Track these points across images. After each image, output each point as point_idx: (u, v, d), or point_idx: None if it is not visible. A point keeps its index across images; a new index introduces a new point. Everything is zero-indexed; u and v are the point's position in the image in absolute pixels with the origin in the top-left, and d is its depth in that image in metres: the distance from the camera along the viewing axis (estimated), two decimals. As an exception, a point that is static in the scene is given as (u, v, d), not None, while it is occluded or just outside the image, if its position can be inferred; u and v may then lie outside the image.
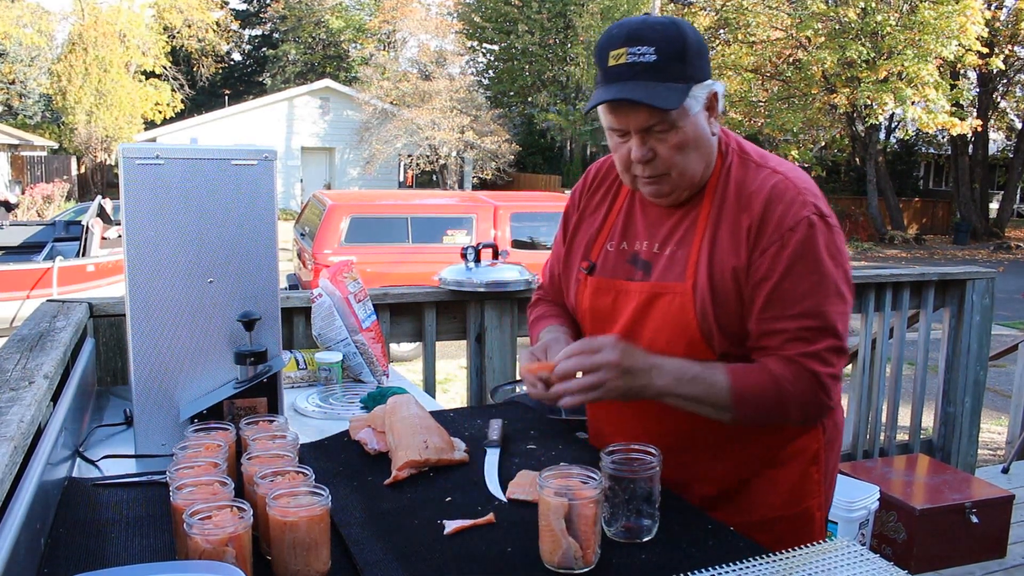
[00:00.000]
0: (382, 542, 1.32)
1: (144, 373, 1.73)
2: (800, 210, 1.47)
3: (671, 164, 1.49)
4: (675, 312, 1.53)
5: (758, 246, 1.48)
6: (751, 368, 1.48)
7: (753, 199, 1.50)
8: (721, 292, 1.50)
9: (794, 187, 1.50)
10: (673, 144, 1.48)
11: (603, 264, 1.66)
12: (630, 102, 1.43)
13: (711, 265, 1.51)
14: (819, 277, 1.46)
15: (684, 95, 1.44)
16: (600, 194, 1.74)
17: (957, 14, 18.31)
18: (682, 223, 1.58)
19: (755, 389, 1.46)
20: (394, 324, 3.05)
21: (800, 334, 1.45)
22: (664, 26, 1.45)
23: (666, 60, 1.42)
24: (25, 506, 1.20)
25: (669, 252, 1.57)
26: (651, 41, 1.43)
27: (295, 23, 36.43)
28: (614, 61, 1.45)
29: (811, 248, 1.46)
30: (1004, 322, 11.07)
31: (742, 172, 1.55)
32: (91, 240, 9.87)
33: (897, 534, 3.30)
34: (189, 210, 1.71)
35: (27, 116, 33.07)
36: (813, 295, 1.45)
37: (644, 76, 1.43)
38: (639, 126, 1.47)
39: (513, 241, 9.12)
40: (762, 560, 1.23)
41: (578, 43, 26.93)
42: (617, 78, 1.45)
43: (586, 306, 1.67)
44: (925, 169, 34.09)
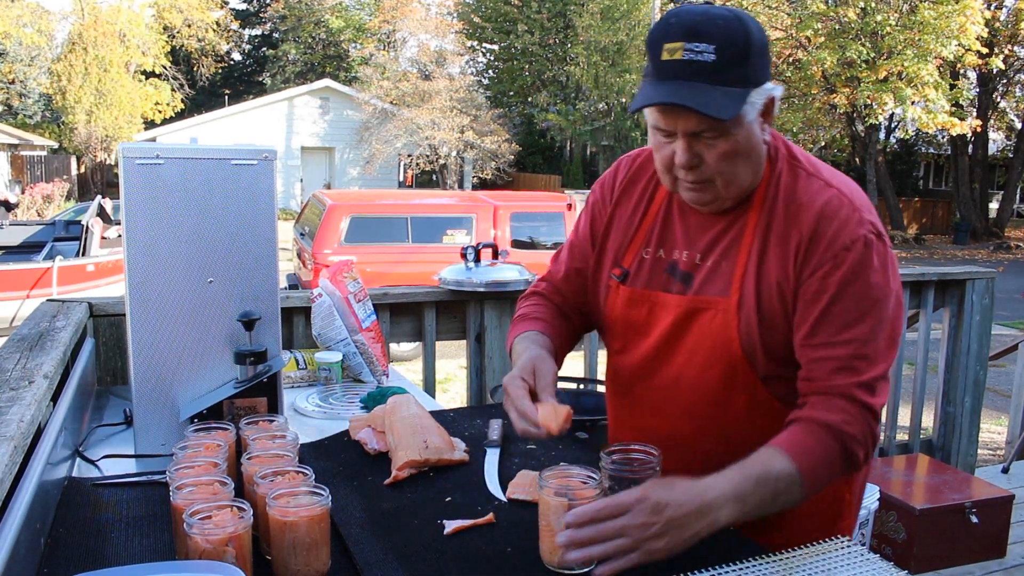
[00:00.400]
0: (382, 542, 1.32)
1: (144, 373, 1.73)
2: (856, 228, 1.37)
3: (718, 172, 1.38)
4: (716, 329, 1.43)
5: (808, 265, 1.38)
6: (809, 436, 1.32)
7: (803, 213, 1.40)
8: (767, 310, 1.40)
9: (849, 203, 1.39)
10: (722, 151, 1.36)
11: (637, 272, 1.54)
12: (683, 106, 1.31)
13: (758, 281, 1.41)
14: (872, 301, 1.36)
15: (742, 102, 1.32)
16: (636, 193, 1.60)
17: (957, 14, 18.31)
18: (727, 233, 1.46)
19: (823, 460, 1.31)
20: (394, 324, 3.05)
21: (850, 362, 1.34)
22: (727, 21, 1.31)
23: (726, 61, 1.30)
24: (25, 506, 1.20)
25: (711, 264, 1.46)
26: (712, 38, 1.30)
27: (295, 23, 36.42)
28: (668, 55, 1.31)
29: (865, 270, 1.36)
30: (1004, 322, 11.07)
31: (792, 181, 1.44)
32: (91, 240, 9.87)
33: (897, 534, 3.30)
34: (189, 210, 1.71)
35: (27, 116, 33.06)
36: (865, 320, 1.35)
37: (700, 77, 1.30)
38: (687, 130, 1.35)
39: (513, 241, 9.13)
40: (762, 560, 1.23)
41: (578, 43, 26.94)
42: (670, 76, 1.32)
43: (618, 316, 1.56)
44: (925, 169, 34.09)
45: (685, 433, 1.49)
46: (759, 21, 1.33)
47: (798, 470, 1.28)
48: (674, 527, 1.18)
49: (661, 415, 1.53)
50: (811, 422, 1.33)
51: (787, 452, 1.29)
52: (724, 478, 1.25)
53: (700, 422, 1.48)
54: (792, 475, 1.28)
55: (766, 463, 1.28)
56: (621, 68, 25.58)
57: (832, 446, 1.32)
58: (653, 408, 1.54)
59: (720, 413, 1.46)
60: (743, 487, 1.24)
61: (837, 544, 1.28)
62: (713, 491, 1.22)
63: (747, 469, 1.27)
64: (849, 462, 1.34)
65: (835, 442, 1.32)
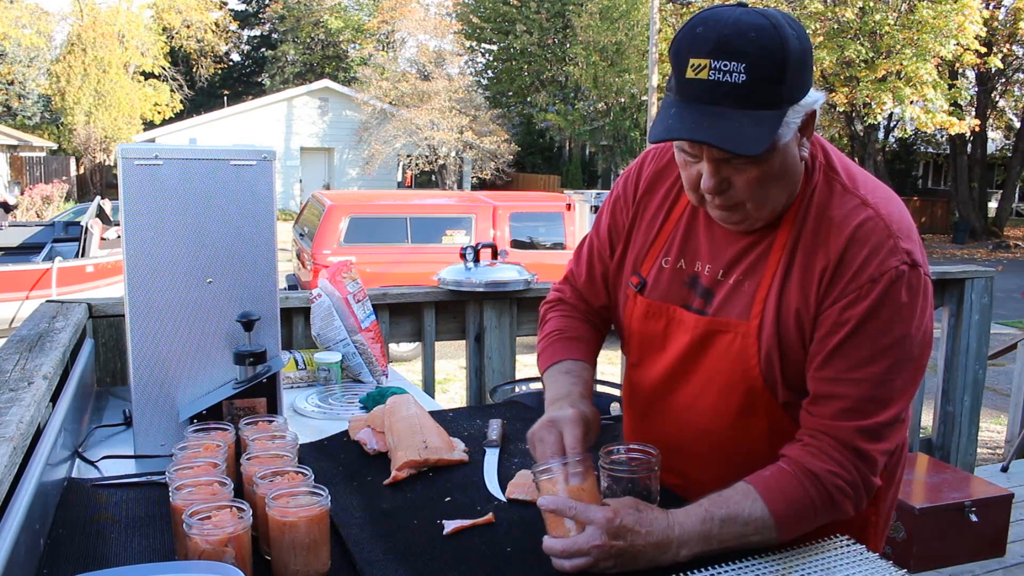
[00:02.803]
0: (382, 542, 1.32)
1: (143, 373, 1.73)
2: (888, 259, 1.24)
3: (747, 197, 1.27)
4: (735, 355, 1.34)
5: (830, 294, 1.27)
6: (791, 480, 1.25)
7: (833, 235, 1.27)
8: (785, 337, 1.30)
9: (884, 227, 1.26)
10: (753, 177, 1.25)
11: (655, 283, 1.45)
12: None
13: (779, 305, 1.31)
14: (893, 339, 1.24)
15: (775, 127, 1.19)
16: (659, 193, 1.48)
17: (955, 13, 18.31)
18: (753, 249, 1.35)
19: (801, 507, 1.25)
20: (393, 324, 3.05)
21: (857, 404, 1.24)
22: (762, 32, 1.16)
23: (759, 81, 1.16)
24: (24, 506, 1.20)
25: (733, 281, 1.36)
26: (743, 54, 1.15)
27: (294, 23, 36.42)
28: (693, 73, 1.18)
29: (892, 304, 1.23)
30: (1003, 321, 11.07)
31: (826, 195, 1.31)
32: (90, 241, 9.87)
33: (896, 533, 3.30)
34: (188, 210, 1.71)
35: (26, 117, 33.04)
36: (881, 359, 1.24)
37: (727, 101, 1.17)
38: (715, 157, 1.23)
39: (512, 241, 9.13)
40: (762, 559, 1.23)
41: (577, 43, 26.91)
42: (695, 98, 1.19)
43: (635, 328, 1.48)
44: (924, 168, 34.10)
45: (703, 453, 1.44)
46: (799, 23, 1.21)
47: (772, 516, 1.23)
48: (628, 555, 1.18)
49: (679, 434, 1.47)
50: (798, 465, 1.27)
51: (763, 495, 1.24)
52: (693, 516, 1.22)
53: (719, 444, 1.42)
54: (764, 520, 1.23)
55: (737, 505, 1.23)
56: (620, 68, 25.57)
57: (814, 495, 1.25)
58: (671, 426, 1.48)
59: (739, 438, 1.40)
60: (708, 528, 1.21)
61: (836, 543, 1.29)
62: (678, 528, 1.20)
63: (716, 509, 1.23)
64: (834, 510, 1.27)
65: (818, 491, 1.25)
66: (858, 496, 1.28)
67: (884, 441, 1.27)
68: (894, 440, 1.30)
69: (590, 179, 28.89)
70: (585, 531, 1.18)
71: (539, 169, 31.10)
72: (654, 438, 1.45)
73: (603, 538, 1.17)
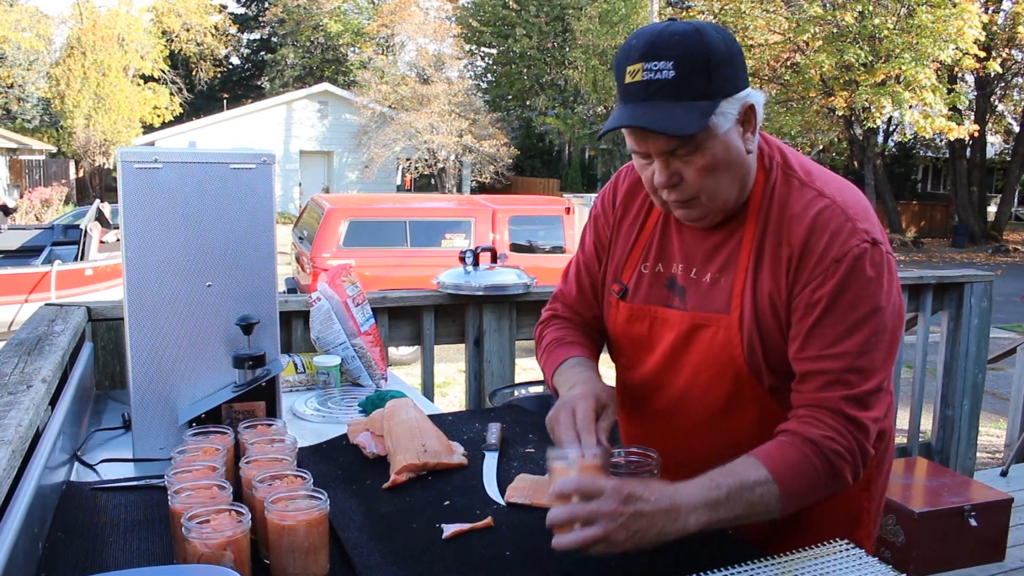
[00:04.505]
0: (381, 546, 1.32)
1: (142, 377, 1.73)
2: (848, 239, 1.33)
3: (699, 188, 1.36)
4: (719, 347, 1.41)
5: (799, 280, 1.35)
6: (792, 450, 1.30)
7: (794, 226, 1.37)
8: (764, 326, 1.39)
9: (842, 212, 1.35)
10: (700, 167, 1.34)
11: (636, 288, 1.53)
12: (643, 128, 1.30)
13: (754, 296, 1.39)
14: (864, 312, 1.32)
15: (708, 115, 1.29)
16: (635, 205, 1.58)
17: (954, 18, 18.34)
18: (724, 247, 1.44)
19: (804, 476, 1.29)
20: (393, 328, 3.05)
21: (841, 376, 1.32)
22: (684, 35, 1.29)
23: (686, 76, 1.28)
24: (23, 510, 1.20)
25: (709, 279, 1.45)
26: (669, 55, 1.28)
27: (293, 27, 36.44)
28: (630, 78, 1.31)
29: (858, 280, 1.32)
30: (1002, 325, 11.08)
31: (785, 191, 1.41)
32: (89, 244, 9.86)
33: (896, 537, 3.29)
34: (187, 214, 1.71)
35: (25, 120, 33.07)
36: (857, 332, 1.32)
37: (661, 95, 1.29)
38: (660, 150, 1.34)
39: (511, 245, 9.13)
40: (760, 563, 1.23)
41: (576, 47, 26.96)
42: (632, 98, 1.31)
43: (620, 332, 1.56)
44: (923, 172, 34.14)
45: (696, 446, 1.48)
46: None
47: (776, 484, 1.27)
48: (641, 521, 1.18)
49: (672, 430, 1.52)
50: (795, 435, 1.32)
51: (766, 465, 1.28)
52: (697, 485, 1.24)
53: (711, 435, 1.47)
54: (769, 489, 1.26)
55: (742, 474, 1.27)
56: (619, 72, 25.57)
57: (815, 462, 1.30)
58: (663, 423, 1.54)
59: (730, 426, 1.46)
60: (715, 495, 1.23)
61: (835, 547, 1.28)
62: (684, 495, 1.22)
63: (722, 478, 1.26)
64: (835, 479, 1.32)
65: (819, 458, 1.30)
66: (855, 463, 1.33)
67: (871, 409, 1.34)
68: (880, 408, 1.35)
69: (589, 183, 28.91)
70: (592, 501, 1.17)
71: (538, 173, 31.12)
72: (648, 435, 1.52)
73: (612, 504, 1.16)
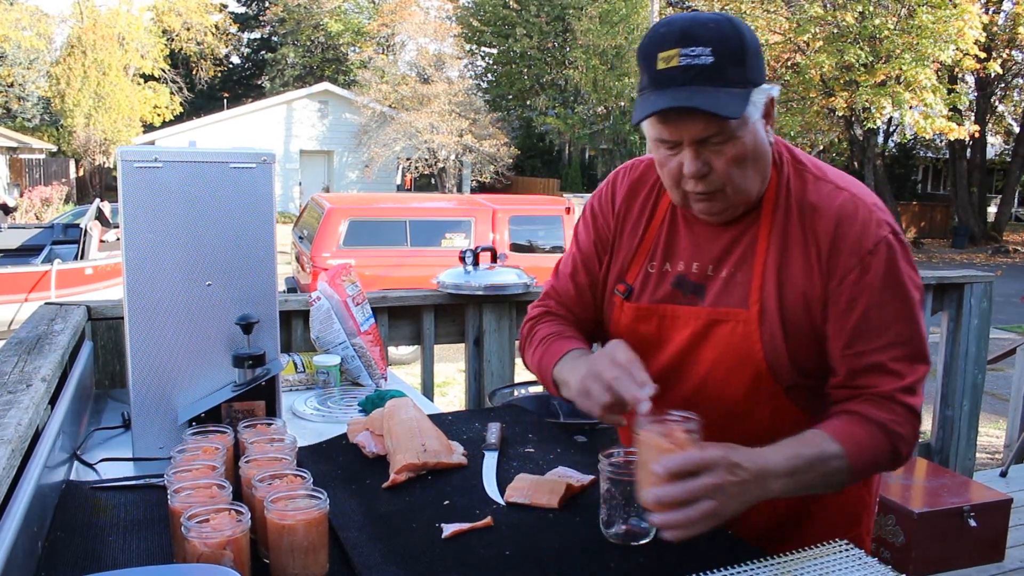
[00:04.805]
0: (380, 545, 1.32)
1: (142, 376, 1.73)
2: (877, 230, 1.36)
3: (727, 179, 1.34)
4: (737, 342, 1.40)
5: (835, 273, 1.36)
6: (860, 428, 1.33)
7: (820, 219, 1.38)
8: (792, 321, 1.38)
9: (864, 205, 1.38)
10: (731, 157, 1.33)
11: (642, 288, 1.50)
12: (689, 110, 1.27)
13: (780, 290, 1.38)
14: (903, 301, 1.35)
15: (746, 101, 1.29)
16: (637, 205, 1.55)
17: (955, 18, 18.33)
18: (739, 242, 1.43)
19: (872, 453, 1.33)
20: (392, 327, 3.05)
21: (892, 367, 1.34)
22: (719, 24, 1.30)
23: (724, 62, 1.27)
24: (23, 509, 1.20)
25: (726, 274, 1.43)
26: (706, 40, 1.27)
27: (294, 26, 36.43)
28: (664, 64, 1.29)
29: (893, 270, 1.35)
30: (1002, 326, 11.09)
31: (800, 186, 1.42)
32: (89, 243, 9.87)
33: (895, 537, 3.29)
34: (187, 213, 1.71)
35: (26, 119, 33.06)
36: (899, 321, 1.35)
37: (700, 80, 1.27)
38: (694, 137, 1.31)
39: (511, 244, 9.13)
40: (760, 563, 1.23)
41: (576, 47, 26.96)
42: (669, 83, 1.28)
43: (625, 333, 1.51)
44: (923, 173, 34.14)
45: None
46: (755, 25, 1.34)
47: (847, 459, 1.29)
48: (741, 490, 1.18)
49: None
50: (862, 416, 1.34)
51: (838, 439, 1.30)
52: (779, 453, 1.25)
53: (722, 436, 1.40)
54: (842, 463, 1.29)
55: (820, 445, 1.29)
56: (620, 72, 25.60)
57: (883, 442, 1.33)
58: None
59: (743, 425, 1.43)
60: (796, 464, 1.25)
61: (835, 547, 1.28)
62: (772, 462, 1.23)
63: (801, 448, 1.27)
64: (894, 462, 1.36)
65: (885, 438, 1.33)
66: (911, 446, 1.36)
67: (919, 395, 1.37)
68: (923, 395, 1.38)
69: (589, 183, 28.90)
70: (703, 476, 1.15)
71: (538, 172, 31.12)
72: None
73: (723, 475, 1.16)
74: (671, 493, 1.16)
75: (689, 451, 1.18)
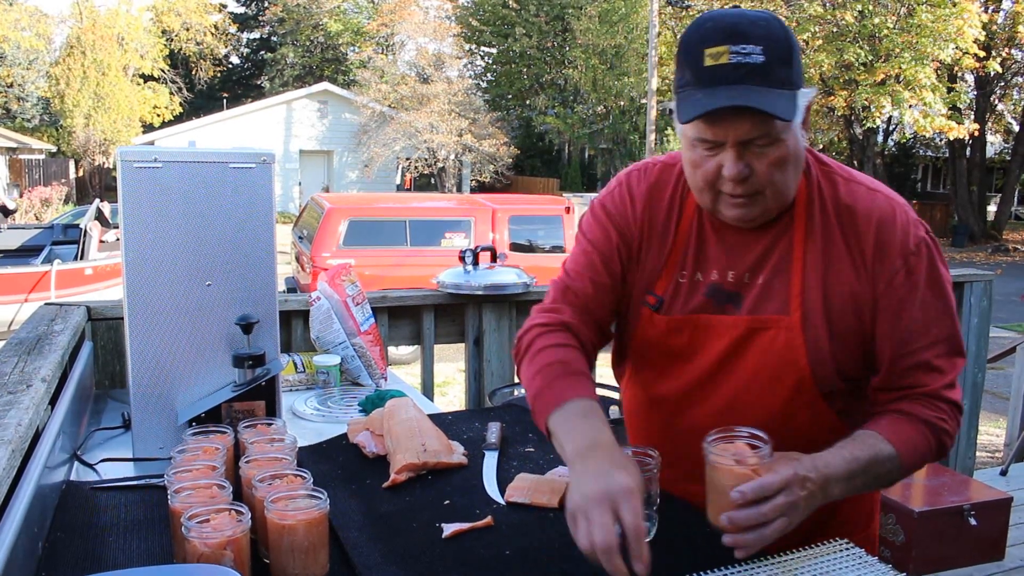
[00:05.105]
0: (380, 545, 1.32)
1: (142, 376, 1.73)
2: (916, 230, 1.36)
3: (768, 182, 1.30)
4: (779, 349, 1.37)
5: (881, 275, 1.35)
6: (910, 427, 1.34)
7: (860, 221, 1.36)
8: (839, 324, 1.36)
9: (900, 206, 1.38)
10: (773, 160, 1.28)
11: (673, 299, 1.44)
12: (739, 110, 1.22)
13: (825, 294, 1.36)
14: (944, 300, 1.37)
15: (795, 103, 1.26)
16: (660, 211, 1.47)
17: (954, 17, 18.34)
18: (775, 247, 1.39)
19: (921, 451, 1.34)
20: (392, 327, 3.05)
21: (936, 363, 1.36)
22: (767, 22, 1.26)
23: (773, 62, 1.24)
24: (23, 509, 1.20)
25: (763, 281, 1.39)
26: (756, 39, 1.24)
27: (293, 26, 36.42)
28: (712, 60, 1.24)
29: (933, 269, 1.36)
30: (1002, 324, 11.08)
31: (832, 188, 1.40)
32: (89, 243, 9.87)
33: (895, 536, 3.29)
34: (187, 213, 1.71)
35: (25, 119, 33.05)
36: (942, 319, 1.36)
37: (751, 80, 1.23)
38: (739, 138, 1.26)
39: (511, 244, 9.13)
40: (761, 562, 1.23)
41: (576, 46, 26.96)
42: (720, 81, 1.24)
43: (653, 345, 1.46)
44: (923, 172, 34.14)
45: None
46: None
47: (900, 459, 1.31)
48: (809, 502, 1.20)
49: None
50: (910, 415, 1.35)
51: (890, 440, 1.31)
52: (838, 456, 1.25)
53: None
54: (894, 464, 1.31)
55: (874, 447, 1.29)
56: (619, 71, 25.62)
57: (931, 439, 1.35)
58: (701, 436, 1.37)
59: (781, 433, 1.35)
60: (854, 468, 1.26)
61: (835, 546, 1.29)
62: (832, 468, 1.23)
63: (857, 451, 1.28)
64: (939, 454, 1.38)
65: (933, 436, 1.35)
66: (951, 442, 1.39)
67: (959, 388, 1.39)
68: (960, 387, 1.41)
69: (589, 182, 28.91)
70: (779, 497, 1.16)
71: (538, 172, 31.11)
72: (680, 451, 1.39)
73: (796, 493, 1.17)
74: (749, 516, 1.16)
75: (765, 477, 1.18)
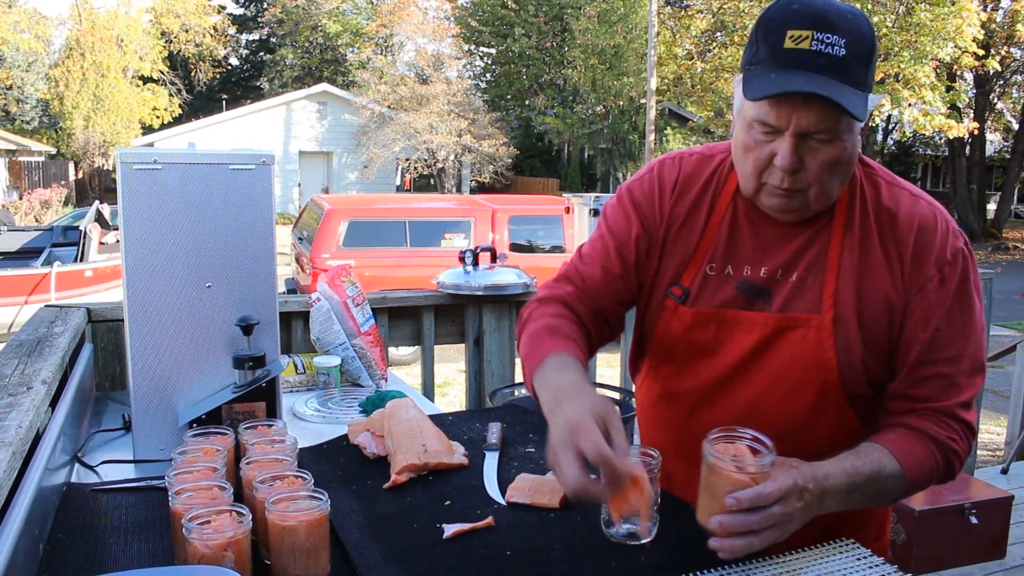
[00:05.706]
0: (381, 546, 1.32)
1: (142, 378, 1.73)
2: (955, 241, 1.33)
3: (816, 181, 1.27)
4: (808, 350, 1.34)
5: (915, 282, 1.32)
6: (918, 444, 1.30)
7: (901, 225, 1.34)
8: (871, 327, 1.33)
9: (942, 215, 1.35)
10: (828, 158, 1.25)
11: (701, 291, 1.41)
12: (812, 98, 1.18)
13: (859, 296, 1.33)
14: (971, 314, 1.33)
15: (866, 105, 1.22)
16: (689, 202, 1.44)
17: (953, 16, 18.33)
18: (811, 245, 1.36)
19: (927, 470, 1.31)
20: (393, 328, 3.05)
21: (955, 379, 1.32)
22: (855, 17, 1.22)
23: (854, 58, 1.20)
24: (24, 511, 1.19)
25: (796, 278, 1.36)
26: (842, 31, 1.20)
27: (292, 27, 36.42)
28: (792, 43, 1.20)
29: (965, 283, 1.33)
30: (1002, 323, 11.07)
31: (874, 190, 1.37)
32: (89, 245, 9.87)
33: (897, 535, 3.29)
34: (187, 215, 1.71)
35: (24, 121, 33.06)
36: (967, 334, 1.33)
37: (829, 71, 1.19)
38: (801, 128, 1.23)
39: (511, 244, 9.13)
40: (763, 562, 1.23)
41: (575, 46, 26.95)
42: (796, 64, 1.20)
43: (677, 337, 1.43)
44: (923, 170, 34.17)
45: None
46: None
47: (904, 478, 1.28)
48: (804, 514, 1.17)
49: None
50: (919, 432, 1.32)
51: (897, 457, 1.28)
52: (839, 468, 1.22)
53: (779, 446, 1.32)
54: (897, 483, 1.28)
55: (878, 463, 1.26)
56: (618, 71, 25.60)
57: (938, 459, 1.31)
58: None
59: (803, 437, 1.37)
60: (854, 481, 1.22)
61: (837, 546, 1.28)
62: (831, 481, 1.20)
63: (861, 465, 1.24)
64: (946, 476, 1.34)
65: (941, 455, 1.31)
66: (961, 465, 1.35)
67: (974, 410, 1.35)
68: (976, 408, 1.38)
69: (589, 182, 28.90)
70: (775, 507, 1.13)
71: (538, 172, 31.10)
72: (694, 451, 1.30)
73: (794, 503, 1.15)
74: (741, 523, 1.13)
75: (763, 485, 1.14)
